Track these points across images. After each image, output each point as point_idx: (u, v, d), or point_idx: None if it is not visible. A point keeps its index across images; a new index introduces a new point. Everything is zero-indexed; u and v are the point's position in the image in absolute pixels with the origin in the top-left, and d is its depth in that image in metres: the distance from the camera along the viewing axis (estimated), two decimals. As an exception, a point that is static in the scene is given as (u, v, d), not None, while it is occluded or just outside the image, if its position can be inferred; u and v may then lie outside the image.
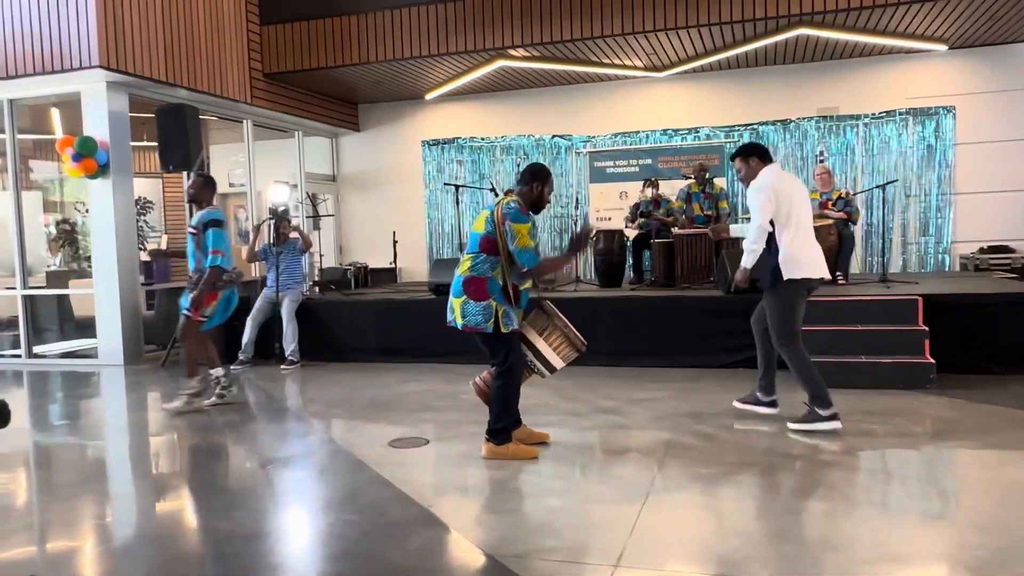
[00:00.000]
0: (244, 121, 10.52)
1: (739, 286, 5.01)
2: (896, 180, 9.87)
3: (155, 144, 8.71)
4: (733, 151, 5.06)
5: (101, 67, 7.85)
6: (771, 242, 4.77)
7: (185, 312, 5.91)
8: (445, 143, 11.93)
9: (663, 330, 7.23)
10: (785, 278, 4.71)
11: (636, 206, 9.35)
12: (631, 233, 9.37)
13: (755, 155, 4.87)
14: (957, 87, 9.96)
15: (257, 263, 8.88)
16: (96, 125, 8.37)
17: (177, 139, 8.36)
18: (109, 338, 8.52)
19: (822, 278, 4.86)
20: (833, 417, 4.74)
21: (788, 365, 4.82)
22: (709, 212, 8.68)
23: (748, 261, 4.81)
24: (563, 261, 4.34)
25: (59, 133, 10.38)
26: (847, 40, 9.31)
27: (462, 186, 9.82)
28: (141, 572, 3.05)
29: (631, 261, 9.37)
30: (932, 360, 5.97)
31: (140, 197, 11.94)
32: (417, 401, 6.12)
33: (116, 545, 3.37)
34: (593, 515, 3.51)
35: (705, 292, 7.56)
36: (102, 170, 8.32)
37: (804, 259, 4.74)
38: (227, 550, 3.19)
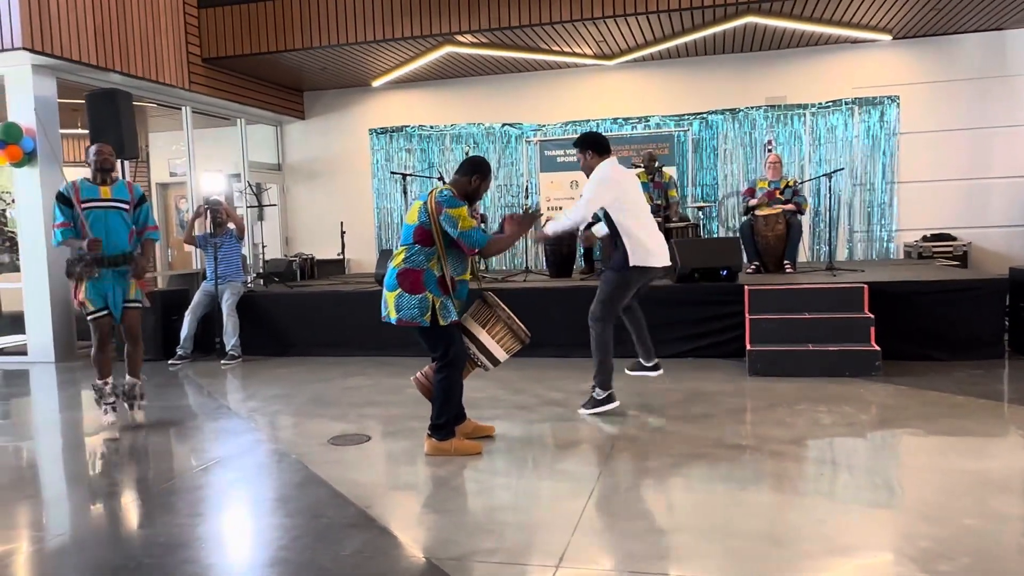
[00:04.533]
0: (183, 108, 10.14)
1: (537, 241, 5.03)
2: (842, 169, 9.95)
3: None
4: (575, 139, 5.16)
5: (25, 49, 7.45)
6: (615, 232, 4.89)
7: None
8: (393, 131, 11.70)
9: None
10: (632, 264, 4.83)
11: (586, 195, 9.25)
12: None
13: (590, 147, 5.00)
14: (901, 77, 10.07)
15: (196, 248, 8.49)
16: (21, 110, 7.96)
17: (109, 126, 7.99)
18: (39, 334, 8.15)
19: (665, 267, 5.06)
20: (610, 399, 4.96)
21: (591, 337, 4.93)
22: (659, 201, 8.62)
23: (551, 229, 4.95)
24: (511, 236, 4.22)
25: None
26: (794, 29, 9.34)
27: (409, 175, 9.62)
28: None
29: (582, 251, 9.29)
30: (878, 348, 6.00)
31: (73, 186, 11.47)
32: (361, 396, 5.94)
33: (28, 553, 3.15)
34: (537, 513, 3.40)
35: (655, 281, 7.50)
36: (28, 158, 7.94)
37: (653, 247, 4.90)
38: (147, 560, 3.00)
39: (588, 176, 4.99)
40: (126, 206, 5.19)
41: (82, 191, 5.08)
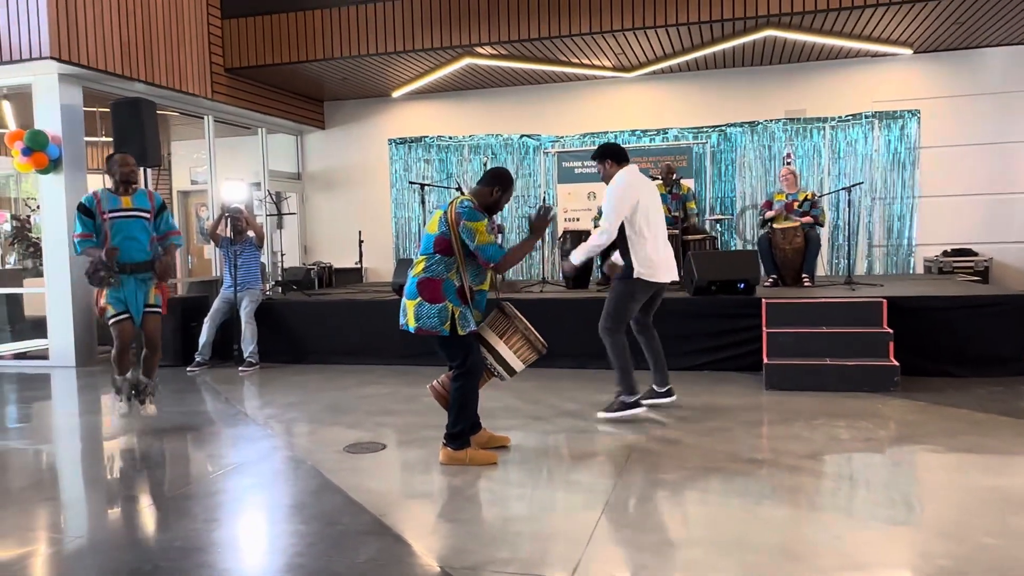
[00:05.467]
0: (205, 117, 10.27)
1: (567, 275, 5.18)
2: (862, 182, 9.91)
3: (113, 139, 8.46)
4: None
5: (53, 58, 7.59)
6: (623, 241, 4.92)
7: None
8: (412, 142, 11.78)
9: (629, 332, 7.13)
10: (636, 276, 4.89)
11: (604, 207, 9.26)
12: (598, 234, 9.28)
13: (608, 157, 5.02)
14: (922, 91, 10.02)
15: (217, 249, 8.59)
16: (48, 118, 8.10)
17: (133, 134, 8.10)
18: (60, 339, 8.25)
19: (672, 282, 5.14)
20: (637, 404, 4.99)
21: (607, 349, 5.00)
22: (677, 213, 8.62)
23: (578, 258, 4.97)
24: (527, 246, 4.23)
25: (12, 126, 10.06)
26: (814, 42, 9.32)
27: (427, 185, 9.67)
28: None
29: (599, 262, 9.29)
30: (896, 363, 5.95)
31: (97, 193, 11.63)
32: (377, 404, 5.97)
33: (46, 556, 3.19)
34: (551, 523, 3.40)
35: (671, 294, 7.48)
36: (53, 165, 8.05)
37: (659, 262, 4.94)
38: (163, 563, 3.03)
39: (607, 184, 5.03)
40: (147, 214, 5.32)
41: (104, 201, 5.22)
